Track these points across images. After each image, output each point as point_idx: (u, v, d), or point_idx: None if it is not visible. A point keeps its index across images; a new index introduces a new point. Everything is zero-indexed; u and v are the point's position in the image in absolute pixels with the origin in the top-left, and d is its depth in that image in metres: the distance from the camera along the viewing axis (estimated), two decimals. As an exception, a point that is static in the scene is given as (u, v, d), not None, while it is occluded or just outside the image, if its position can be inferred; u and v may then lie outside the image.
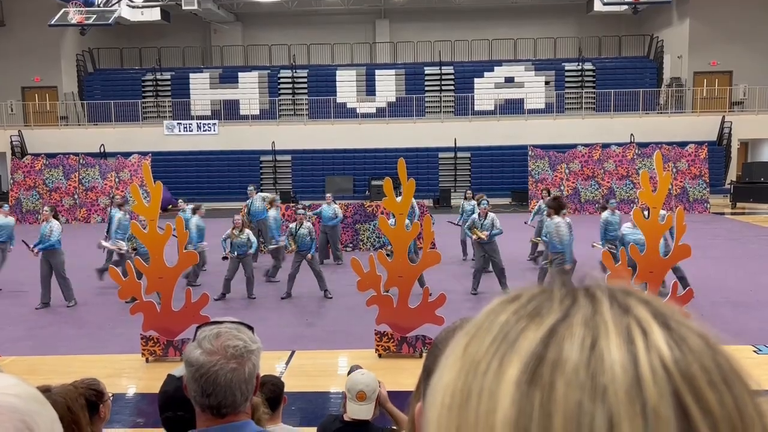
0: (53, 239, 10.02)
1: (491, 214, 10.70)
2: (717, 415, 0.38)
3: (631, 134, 24.73)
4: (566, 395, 0.38)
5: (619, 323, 0.41)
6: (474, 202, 12.22)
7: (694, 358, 0.40)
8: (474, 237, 10.58)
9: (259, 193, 13.97)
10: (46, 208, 10.61)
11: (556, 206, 9.57)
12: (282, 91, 28.84)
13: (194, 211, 11.97)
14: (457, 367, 0.43)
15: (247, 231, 10.72)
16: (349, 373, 3.73)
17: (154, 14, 26.20)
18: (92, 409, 2.68)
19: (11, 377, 0.89)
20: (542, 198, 13.33)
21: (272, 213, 12.36)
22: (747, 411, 0.39)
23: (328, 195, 13.80)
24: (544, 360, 0.40)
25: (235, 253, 10.49)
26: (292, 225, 10.80)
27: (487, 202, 10.99)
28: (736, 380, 0.40)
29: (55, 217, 10.48)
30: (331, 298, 10.53)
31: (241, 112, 27.84)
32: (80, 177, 21.81)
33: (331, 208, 13.17)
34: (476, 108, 27.52)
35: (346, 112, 27.58)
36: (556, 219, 9.47)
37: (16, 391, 0.85)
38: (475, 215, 10.86)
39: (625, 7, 26.09)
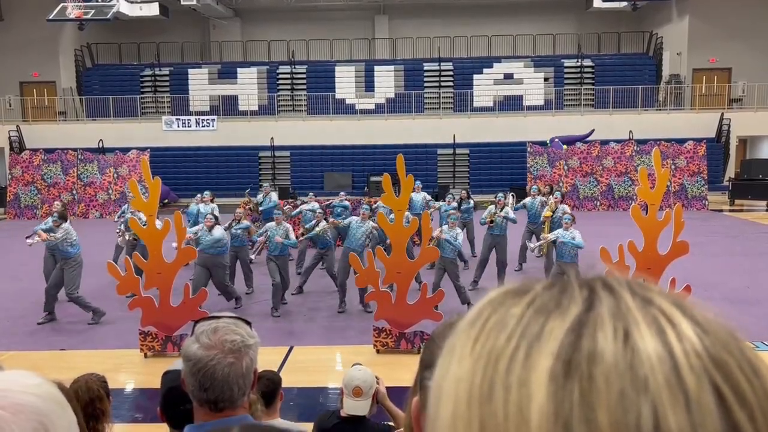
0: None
1: (507, 207, 10.98)
2: (752, 403, 0.38)
3: (630, 131, 24.75)
4: (608, 386, 0.38)
5: (645, 314, 0.41)
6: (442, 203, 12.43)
7: (722, 347, 0.40)
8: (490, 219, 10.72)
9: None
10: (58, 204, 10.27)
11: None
12: (281, 87, 28.81)
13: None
14: (470, 362, 0.42)
15: (220, 228, 9.74)
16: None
17: (152, 9, 26.13)
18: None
19: (35, 376, 0.89)
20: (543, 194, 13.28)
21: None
22: None
23: (310, 194, 13.54)
24: (578, 351, 0.39)
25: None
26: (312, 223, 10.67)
27: (504, 195, 11.26)
28: (761, 366, 0.40)
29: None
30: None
31: (240, 108, 27.81)
32: (78, 172, 21.79)
33: (311, 205, 12.78)
34: (475, 104, 27.51)
35: (344, 108, 27.56)
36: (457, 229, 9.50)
37: (38, 391, 0.85)
38: (492, 207, 10.97)
39: (625, 3, 26.10)
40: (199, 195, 12.97)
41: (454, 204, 12.15)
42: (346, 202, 13.26)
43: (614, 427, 0.37)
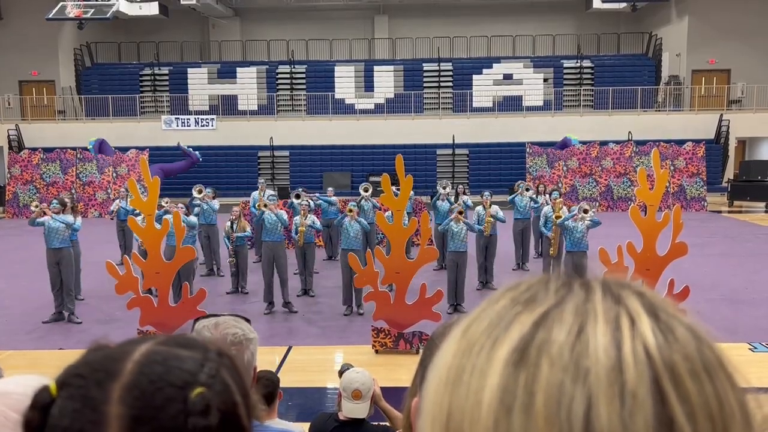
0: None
1: (495, 206, 10.84)
2: (695, 403, 0.39)
3: (629, 132, 24.76)
4: (549, 376, 0.40)
5: (608, 312, 0.42)
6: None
7: (678, 348, 0.41)
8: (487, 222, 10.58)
9: None
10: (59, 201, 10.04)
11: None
12: (280, 87, 28.81)
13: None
14: (455, 348, 0.45)
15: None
16: (340, 372, 3.73)
17: (152, 8, 26.11)
18: None
19: (40, 377, 0.91)
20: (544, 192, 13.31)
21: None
22: (727, 402, 0.40)
23: (330, 189, 13.68)
24: (532, 342, 0.41)
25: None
26: (296, 218, 10.50)
27: (490, 194, 11.02)
28: (720, 372, 0.41)
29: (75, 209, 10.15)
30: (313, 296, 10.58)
31: (240, 108, 27.80)
32: (77, 171, 21.77)
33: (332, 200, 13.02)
34: (474, 105, 27.51)
35: (344, 108, 27.56)
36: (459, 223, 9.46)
37: None
38: (480, 208, 10.84)
39: (624, 4, 26.11)
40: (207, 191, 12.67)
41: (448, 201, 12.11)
42: (333, 198, 13.05)
43: (547, 413, 0.39)
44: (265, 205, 9.79)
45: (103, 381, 0.63)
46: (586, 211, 9.45)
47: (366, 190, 11.92)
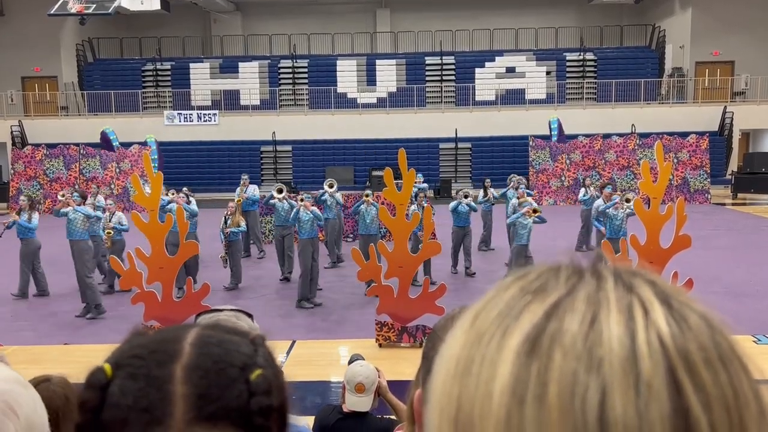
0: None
1: (529, 199, 10.91)
2: (710, 392, 0.39)
3: (632, 124, 24.68)
4: (562, 366, 0.39)
5: (621, 300, 0.42)
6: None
7: (692, 336, 0.40)
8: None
9: None
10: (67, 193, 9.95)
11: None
12: (282, 81, 28.78)
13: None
14: (463, 339, 0.45)
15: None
16: (349, 362, 3.74)
17: (153, 4, 26.03)
18: None
19: None
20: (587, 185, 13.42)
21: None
22: (742, 391, 0.40)
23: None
24: (544, 332, 0.41)
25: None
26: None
27: (525, 186, 11.39)
28: (734, 361, 0.41)
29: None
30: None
31: (242, 102, 27.78)
32: (81, 167, 21.80)
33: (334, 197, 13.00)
34: (477, 98, 27.45)
35: (346, 102, 27.52)
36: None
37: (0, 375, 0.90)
38: (515, 200, 10.83)
39: (627, -4, 26.00)
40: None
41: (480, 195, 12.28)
42: (339, 195, 13.01)
43: (561, 403, 0.38)
44: (302, 200, 9.83)
45: (164, 362, 0.65)
46: (628, 200, 9.70)
47: (331, 186, 11.90)
